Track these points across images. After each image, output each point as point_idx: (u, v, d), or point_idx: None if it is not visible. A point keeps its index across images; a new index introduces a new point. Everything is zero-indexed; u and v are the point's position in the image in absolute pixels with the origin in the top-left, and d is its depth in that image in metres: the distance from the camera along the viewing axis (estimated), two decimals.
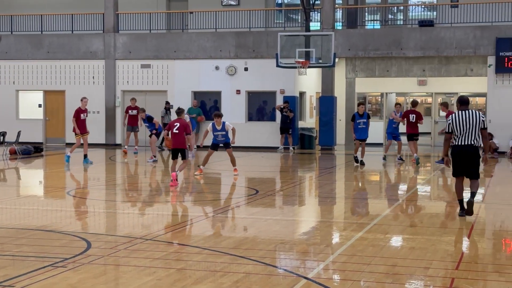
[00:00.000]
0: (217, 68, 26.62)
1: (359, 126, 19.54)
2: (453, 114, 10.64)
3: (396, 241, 9.25)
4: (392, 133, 20.70)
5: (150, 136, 21.16)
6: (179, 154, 14.94)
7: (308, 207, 13.00)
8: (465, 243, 9.12)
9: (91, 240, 8.66)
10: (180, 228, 9.82)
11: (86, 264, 7.43)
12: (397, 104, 22.08)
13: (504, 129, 23.72)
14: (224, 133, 16.75)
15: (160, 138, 23.56)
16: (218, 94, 26.75)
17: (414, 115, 19.65)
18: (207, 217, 10.94)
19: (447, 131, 10.70)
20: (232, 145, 16.90)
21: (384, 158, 20.86)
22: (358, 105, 20.25)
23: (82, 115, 19.75)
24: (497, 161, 21.92)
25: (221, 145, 16.93)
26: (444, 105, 20.16)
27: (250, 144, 25.96)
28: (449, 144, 10.81)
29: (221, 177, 17.85)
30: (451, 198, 13.91)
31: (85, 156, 19.57)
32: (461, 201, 10.75)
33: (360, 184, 16.56)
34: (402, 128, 20.63)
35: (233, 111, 26.48)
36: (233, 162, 17.01)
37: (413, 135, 19.80)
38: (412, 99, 23.55)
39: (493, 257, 8.21)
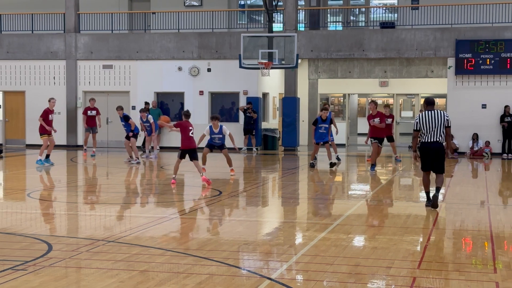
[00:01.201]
0: (180, 69, 26.54)
1: (320, 131, 19.26)
2: (421, 114, 11.62)
3: (359, 241, 9.32)
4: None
5: (127, 138, 20.39)
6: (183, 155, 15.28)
7: (271, 208, 13.03)
8: (426, 242, 9.22)
9: (52, 243, 8.55)
10: (143, 230, 9.75)
11: (47, 267, 7.34)
12: (325, 105, 21.92)
13: (463, 130, 24.11)
14: (221, 136, 16.86)
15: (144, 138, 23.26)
16: (181, 95, 26.67)
17: (391, 119, 20.59)
18: (170, 219, 10.89)
19: (415, 128, 11.65)
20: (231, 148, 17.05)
21: (337, 159, 20.92)
22: (322, 110, 19.74)
23: (50, 115, 19.41)
24: (457, 161, 22.25)
25: (216, 146, 17.05)
26: (375, 104, 19.08)
27: None
28: (417, 141, 11.76)
29: (185, 178, 17.78)
30: (412, 198, 14.08)
31: (47, 156, 19.36)
32: (427, 193, 11.87)
33: (323, 185, 16.64)
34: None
35: (196, 112, 26.39)
36: (229, 162, 17.10)
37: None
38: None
39: (454, 256, 8.33)
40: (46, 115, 19.40)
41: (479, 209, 12.28)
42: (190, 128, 15.15)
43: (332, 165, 19.27)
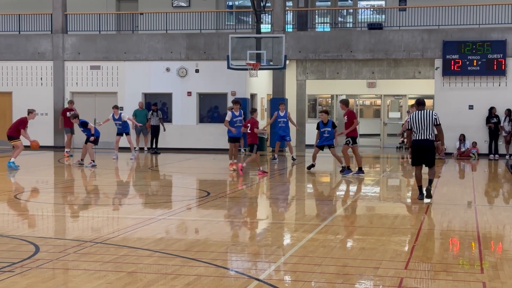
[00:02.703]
0: (168, 69, 26.50)
1: (324, 135, 18.26)
2: (412, 114, 12.61)
3: (347, 241, 9.34)
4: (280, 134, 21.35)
5: (86, 142, 19.79)
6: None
7: (259, 209, 13.03)
8: (414, 243, 9.25)
9: (40, 244, 8.51)
10: (130, 231, 9.73)
11: (34, 268, 7.30)
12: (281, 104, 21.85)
13: (450, 131, 24.17)
14: (241, 118, 18.83)
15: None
16: (169, 96, 26.63)
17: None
18: (158, 220, 10.87)
19: (408, 128, 12.71)
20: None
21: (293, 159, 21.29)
22: (321, 112, 18.90)
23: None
24: (444, 162, 22.33)
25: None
26: (344, 103, 17.71)
27: (201, 146, 25.90)
28: (411, 138, 12.76)
29: (173, 179, 17.78)
30: (400, 199, 14.13)
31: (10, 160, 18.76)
32: (420, 187, 12.80)
33: (311, 186, 16.66)
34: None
35: (184, 113, 26.41)
36: (235, 155, 18.87)
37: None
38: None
39: (441, 256, 8.36)
40: (25, 125, 18.78)
41: (466, 210, 12.33)
42: (248, 124, 17.33)
43: (342, 169, 18.01)
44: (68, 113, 22.84)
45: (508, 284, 6.88)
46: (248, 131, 17.31)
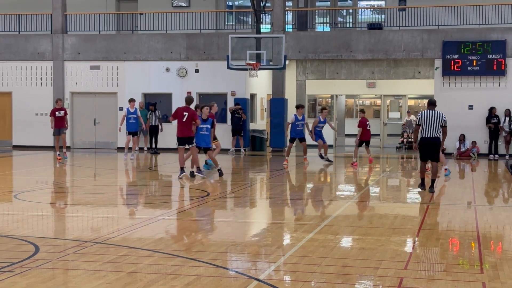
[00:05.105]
0: (167, 69, 26.49)
1: (201, 132, 16.95)
2: (423, 111, 13.80)
3: (346, 241, 9.34)
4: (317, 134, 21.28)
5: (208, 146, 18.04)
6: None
7: (259, 209, 13.03)
8: (414, 243, 9.26)
9: (39, 244, 8.51)
10: (130, 231, 9.73)
11: (34, 268, 7.30)
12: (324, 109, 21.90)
13: (450, 131, 24.05)
14: (303, 122, 19.89)
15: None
16: (169, 96, 26.63)
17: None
18: (158, 220, 10.87)
19: (417, 123, 13.93)
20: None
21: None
22: (202, 107, 17.45)
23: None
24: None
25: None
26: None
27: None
28: (417, 134, 14.03)
29: (172, 179, 17.75)
30: (400, 199, 14.13)
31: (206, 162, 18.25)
32: (423, 179, 14.13)
33: (310, 185, 16.66)
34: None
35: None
36: (305, 152, 20.61)
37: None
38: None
39: (441, 256, 8.36)
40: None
41: (466, 210, 12.33)
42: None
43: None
44: (57, 112, 21.71)
45: (508, 284, 6.88)
46: (368, 129, 19.77)
